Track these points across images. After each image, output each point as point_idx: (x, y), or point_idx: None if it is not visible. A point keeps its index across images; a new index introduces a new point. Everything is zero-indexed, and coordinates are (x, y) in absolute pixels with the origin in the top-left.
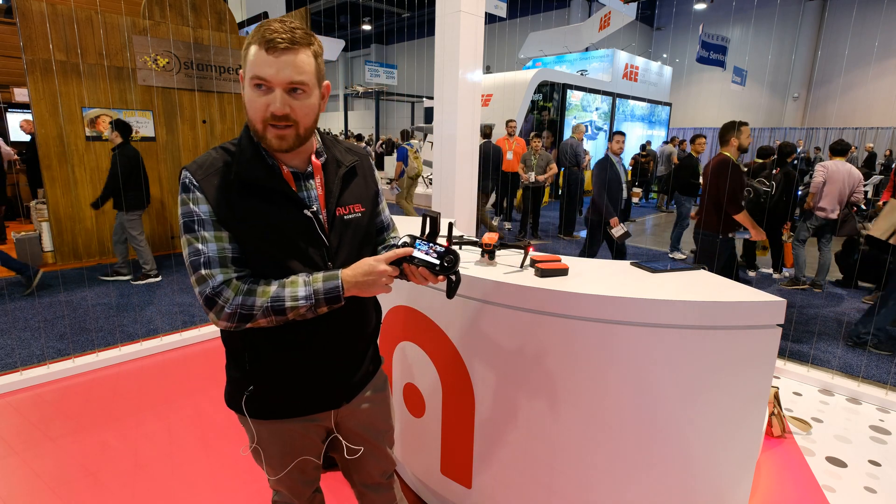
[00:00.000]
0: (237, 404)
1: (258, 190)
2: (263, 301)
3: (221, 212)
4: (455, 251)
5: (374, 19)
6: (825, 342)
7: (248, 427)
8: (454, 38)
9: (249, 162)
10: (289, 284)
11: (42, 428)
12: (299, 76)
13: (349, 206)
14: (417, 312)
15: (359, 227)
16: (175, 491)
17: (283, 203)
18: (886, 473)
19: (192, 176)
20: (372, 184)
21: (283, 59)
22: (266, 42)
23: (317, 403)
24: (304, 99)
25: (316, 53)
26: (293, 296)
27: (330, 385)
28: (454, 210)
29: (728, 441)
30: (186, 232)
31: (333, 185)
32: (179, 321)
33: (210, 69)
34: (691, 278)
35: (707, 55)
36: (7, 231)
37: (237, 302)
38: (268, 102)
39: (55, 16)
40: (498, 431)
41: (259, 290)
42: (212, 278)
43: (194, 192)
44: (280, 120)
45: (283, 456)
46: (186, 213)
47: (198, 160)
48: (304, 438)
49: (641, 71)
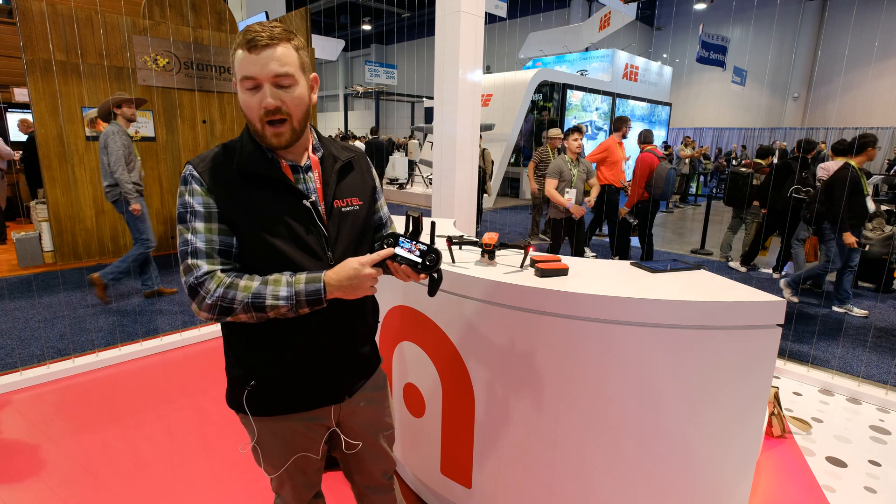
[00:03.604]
0: (238, 403)
1: (259, 180)
2: (244, 296)
3: (223, 202)
4: (437, 250)
5: (374, 19)
6: (825, 342)
7: (250, 426)
8: (454, 38)
9: (251, 155)
10: (272, 282)
11: (42, 428)
12: (282, 68)
13: (346, 198)
14: (417, 312)
15: (357, 220)
16: (175, 491)
17: (283, 193)
18: (886, 473)
19: (193, 168)
20: (369, 180)
21: (265, 54)
22: (248, 42)
23: (319, 398)
24: (292, 90)
25: (297, 47)
26: (274, 294)
27: (331, 379)
28: (454, 210)
29: (728, 441)
30: (180, 222)
31: (330, 179)
32: (179, 321)
33: (210, 69)
34: (691, 278)
35: (707, 55)
36: (7, 231)
37: (218, 294)
38: (259, 99)
39: (55, 16)
40: (498, 431)
41: (241, 284)
42: (196, 268)
43: (192, 184)
44: (273, 114)
45: (284, 454)
46: (181, 204)
47: (200, 155)
48: (305, 437)
49: (641, 71)
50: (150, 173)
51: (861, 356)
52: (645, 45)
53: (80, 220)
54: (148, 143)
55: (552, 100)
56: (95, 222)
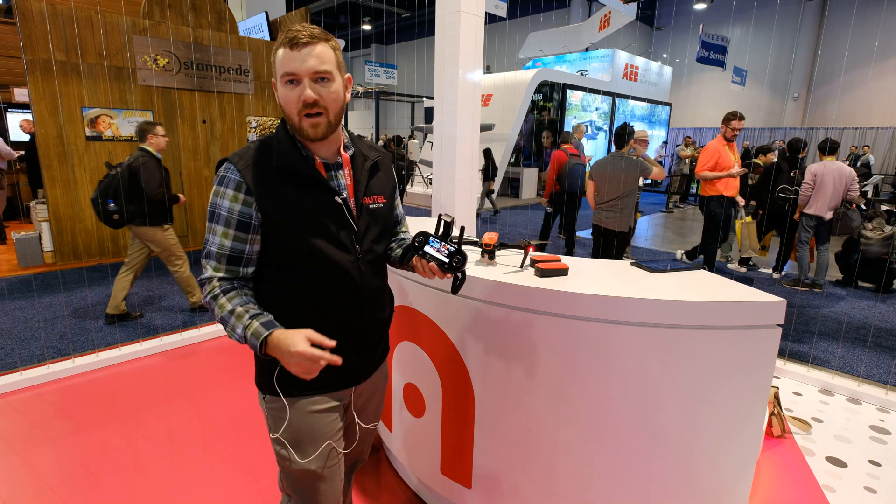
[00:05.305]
0: (269, 384)
1: (295, 177)
2: (218, 312)
3: (263, 199)
4: (464, 252)
5: (374, 19)
6: (825, 342)
7: (279, 410)
8: (454, 38)
9: (288, 153)
10: (236, 316)
11: (42, 428)
12: (322, 66)
13: (374, 196)
14: (417, 312)
15: (381, 216)
16: (175, 491)
17: (318, 190)
18: (886, 473)
19: (234, 166)
20: (392, 178)
21: (306, 51)
22: (290, 41)
23: (343, 378)
24: (329, 86)
25: (334, 47)
26: (232, 327)
27: (355, 360)
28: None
29: (728, 441)
30: (209, 220)
31: (361, 176)
32: (179, 321)
33: (210, 69)
34: (691, 278)
35: (707, 55)
36: (7, 231)
37: (207, 298)
38: (299, 93)
39: (55, 16)
40: (498, 431)
41: (220, 302)
42: (204, 269)
43: (227, 187)
44: (311, 107)
45: (315, 440)
46: (212, 203)
47: (238, 152)
48: (330, 424)
49: (641, 71)
50: None
51: (861, 356)
52: (645, 45)
53: (80, 220)
54: None
55: (552, 100)
56: (95, 222)
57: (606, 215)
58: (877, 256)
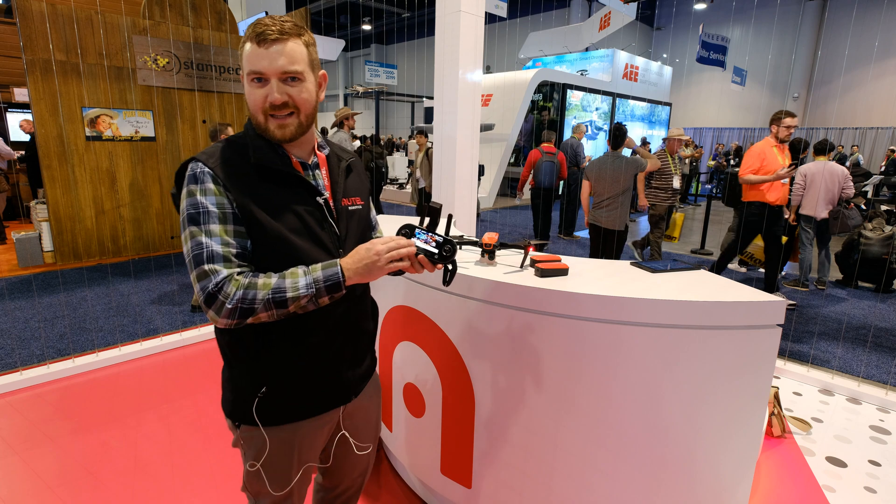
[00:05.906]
0: (246, 414)
1: (275, 175)
2: (265, 294)
3: (240, 197)
4: (453, 241)
5: (374, 19)
6: (825, 342)
7: (256, 440)
8: (454, 38)
9: (263, 150)
10: (289, 275)
11: (42, 428)
12: (292, 66)
13: (352, 198)
14: (417, 312)
15: (361, 219)
16: (175, 491)
17: (298, 189)
18: (886, 473)
19: (203, 164)
20: (365, 181)
21: (274, 49)
22: (257, 36)
23: (330, 399)
24: (300, 86)
25: (307, 43)
26: (294, 286)
27: (341, 378)
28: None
29: (728, 441)
30: (191, 224)
31: (338, 177)
32: (179, 321)
33: (210, 69)
34: (691, 278)
35: (707, 55)
36: (7, 231)
37: (238, 296)
38: (265, 94)
39: (55, 16)
40: (498, 431)
41: (259, 282)
42: (215, 274)
43: (204, 183)
44: (280, 109)
45: (292, 467)
46: (193, 204)
47: (206, 151)
48: (313, 445)
49: (641, 71)
50: (150, 173)
51: (861, 356)
52: (645, 45)
53: (79, 220)
54: (148, 143)
55: (552, 100)
56: (95, 222)
57: (602, 213)
58: (877, 256)
